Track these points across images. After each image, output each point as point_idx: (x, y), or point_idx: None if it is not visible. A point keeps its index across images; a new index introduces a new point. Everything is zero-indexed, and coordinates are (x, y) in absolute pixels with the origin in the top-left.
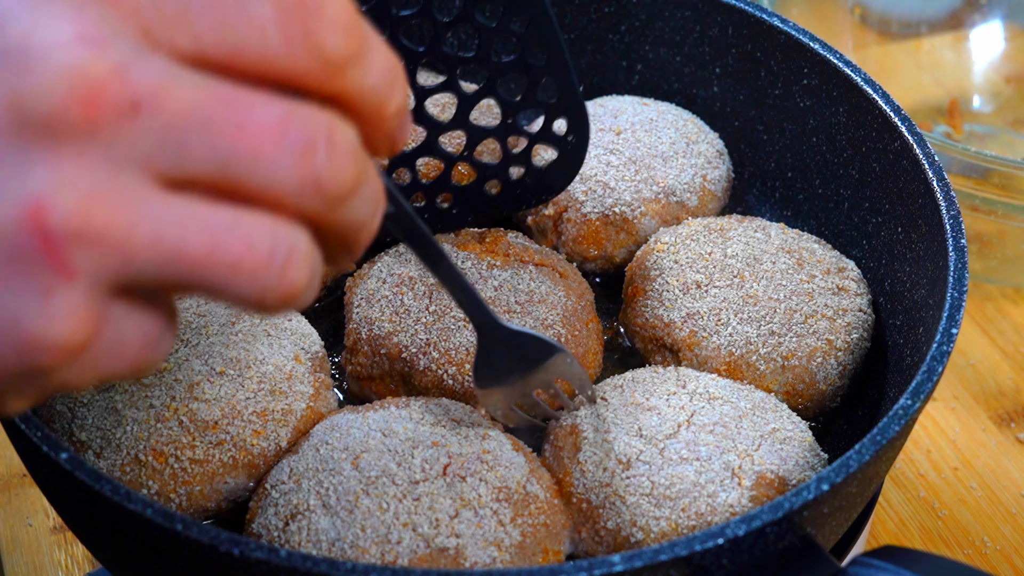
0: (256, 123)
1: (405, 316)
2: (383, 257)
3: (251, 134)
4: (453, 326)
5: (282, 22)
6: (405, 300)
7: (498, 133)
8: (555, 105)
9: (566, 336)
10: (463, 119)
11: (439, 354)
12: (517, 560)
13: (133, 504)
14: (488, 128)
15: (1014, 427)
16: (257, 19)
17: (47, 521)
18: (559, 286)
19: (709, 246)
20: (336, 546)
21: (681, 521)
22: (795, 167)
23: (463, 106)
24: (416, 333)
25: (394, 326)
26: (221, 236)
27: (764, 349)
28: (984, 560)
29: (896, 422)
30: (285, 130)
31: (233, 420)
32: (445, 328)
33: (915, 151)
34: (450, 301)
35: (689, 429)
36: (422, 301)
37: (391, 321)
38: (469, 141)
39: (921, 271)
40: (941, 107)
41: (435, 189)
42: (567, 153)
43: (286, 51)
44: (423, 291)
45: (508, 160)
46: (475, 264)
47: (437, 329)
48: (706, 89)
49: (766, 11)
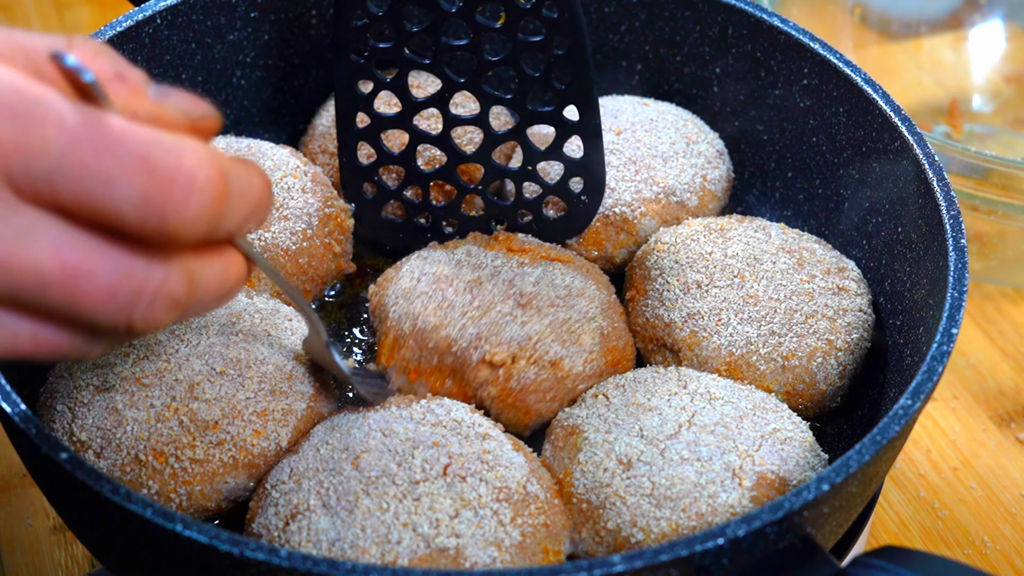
0: (88, 288)
1: (450, 311)
2: (409, 260)
3: (84, 296)
4: (500, 320)
5: (141, 208)
6: (447, 295)
7: (516, 176)
8: (577, 162)
9: (608, 328)
10: (486, 155)
11: (491, 347)
12: (517, 560)
13: (133, 504)
14: (507, 169)
15: (1014, 427)
16: (118, 199)
17: (47, 521)
18: (590, 280)
19: (709, 246)
20: (336, 546)
21: (682, 521)
22: (795, 167)
23: (488, 142)
24: (464, 327)
25: (439, 319)
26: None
27: (764, 349)
28: (984, 560)
29: (896, 422)
30: (114, 293)
31: (233, 420)
32: (493, 323)
33: (915, 151)
34: (492, 296)
35: (690, 429)
36: (464, 296)
37: (435, 315)
38: (486, 177)
39: (921, 271)
40: (941, 107)
41: (443, 213)
42: (577, 212)
43: (140, 228)
44: (463, 287)
45: (520, 204)
46: (505, 262)
47: (485, 324)
48: (706, 89)
49: (766, 11)
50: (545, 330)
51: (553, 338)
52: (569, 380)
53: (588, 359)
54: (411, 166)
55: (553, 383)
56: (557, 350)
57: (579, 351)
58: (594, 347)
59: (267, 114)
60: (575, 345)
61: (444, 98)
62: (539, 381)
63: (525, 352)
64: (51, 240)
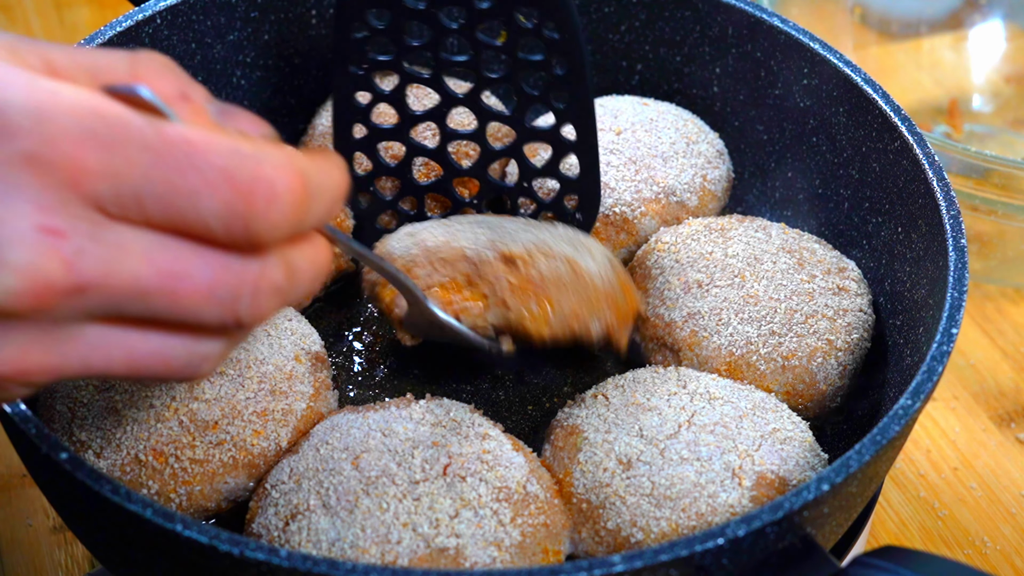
0: (188, 289)
1: (458, 231)
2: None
3: (185, 297)
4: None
5: (226, 219)
6: (451, 223)
7: (512, 192)
8: (573, 181)
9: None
10: (482, 169)
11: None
12: (517, 560)
13: (133, 504)
14: (503, 185)
15: (1014, 427)
16: (204, 212)
17: (47, 521)
18: None
19: (710, 246)
20: (336, 546)
21: (681, 521)
22: (795, 167)
23: (485, 158)
24: (477, 237)
25: (449, 237)
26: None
27: (764, 349)
28: (984, 560)
29: (896, 422)
30: (213, 291)
31: (233, 420)
32: (505, 230)
33: (915, 151)
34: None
35: (690, 429)
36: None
37: (443, 236)
38: (481, 191)
39: (921, 271)
40: (941, 107)
41: None
42: None
43: (227, 237)
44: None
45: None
46: None
47: (497, 232)
48: (706, 89)
49: (766, 11)
50: (557, 237)
51: (566, 243)
52: (586, 276)
53: (600, 264)
54: (407, 178)
55: (572, 278)
56: (571, 251)
57: (590, 257)
58: (604, 260)
59: (267, 114)
60: (586, 252)
61: (442, 112)
62: (559, 274)
63: (541, 249)
64: (144, 251)
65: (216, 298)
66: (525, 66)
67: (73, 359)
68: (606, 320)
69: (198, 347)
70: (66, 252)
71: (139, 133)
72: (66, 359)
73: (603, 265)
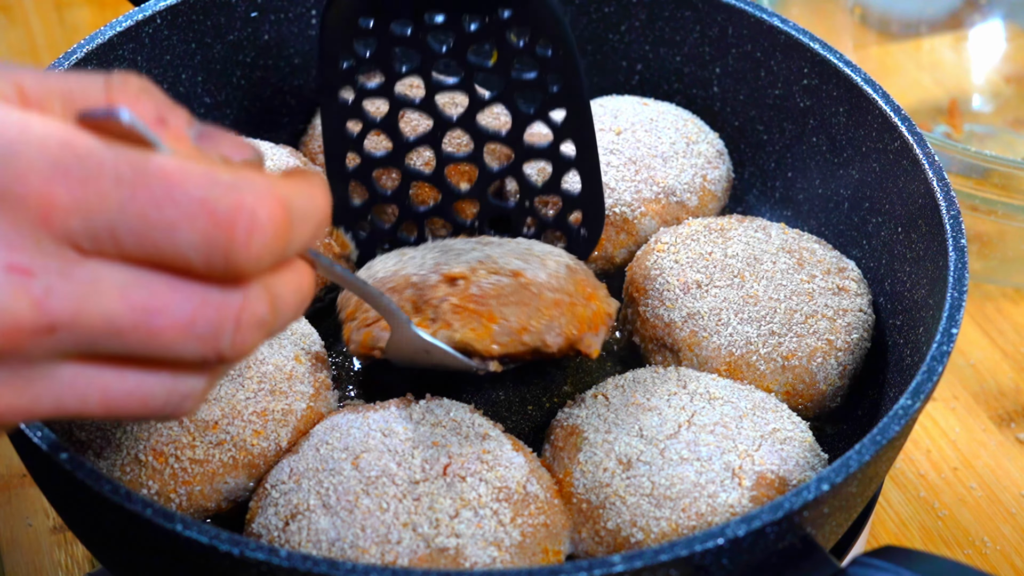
0: (165, 325)
1: (410, 259)
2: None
3: (160, 333)
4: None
5: (205, 252)
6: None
7: (513, 212)
8: (576, 197)
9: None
10: (482, 190)
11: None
12: (517, 560)
13: (133, 504)
14: (504, 205)
15: (1014, 427)
16: (182, 245)
17: (47, 521)
18: None
19: (709, 246)
20: (336, 546)
21: (681, 521)
22: (795, 167)
23: (484, 179)
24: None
25: (399, 266)
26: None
27: (764, 349)
28: (984, 560)
29: (896, 422)
30: (193, 326)
31: (233, 420)
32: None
33: (915, 151)
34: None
35: (690, 429)
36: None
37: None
38: (481, 212)
39: (921, 271)
40: (941, 107)
41: None
42: (576, 244)
43: (207, 270)
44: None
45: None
46: None
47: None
48: (706, 89)
49: (766, 11)
50: (507, 252)
51: (516, 256)
52: (532, 287)
53: (552, 273)
54: (404, 205)
55: (515, 288)
56: (518, 264)
57: (541, 267)
58: (559, 269)
59: (267, 114)
60: (538, 262)
61: (436, 136)
62: (500, 286)
63: (485, 265)
64: (119, 287)
65: (196, 334)
66: (519, 85)
67: (45, 400)
68: (562, 329)
69: (178, 385)
70: (35, 291)
71: (112, 165)
72: (37, 400)
73: (556, 274)
